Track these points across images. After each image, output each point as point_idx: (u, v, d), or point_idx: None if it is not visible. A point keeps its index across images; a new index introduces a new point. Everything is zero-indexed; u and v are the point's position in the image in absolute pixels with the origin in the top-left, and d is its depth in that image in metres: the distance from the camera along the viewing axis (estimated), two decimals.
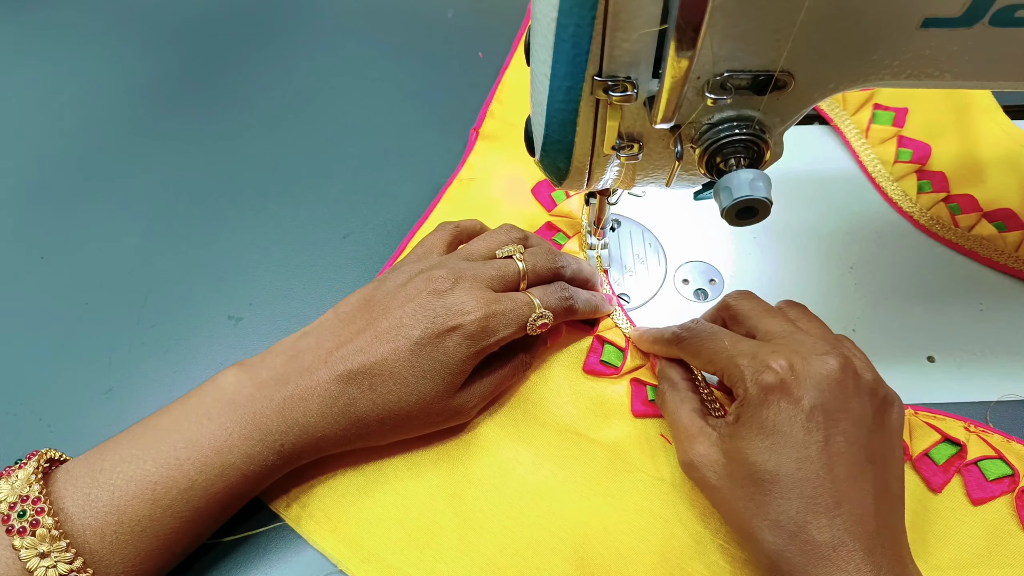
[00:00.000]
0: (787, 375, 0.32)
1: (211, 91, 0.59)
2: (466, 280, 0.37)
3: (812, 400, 0.32)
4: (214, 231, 0.50)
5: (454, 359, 0.36)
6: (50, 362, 0.44)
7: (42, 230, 0.50)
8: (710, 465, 0.34)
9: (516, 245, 0.41)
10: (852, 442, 0.32)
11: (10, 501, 0.30)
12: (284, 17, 0.64)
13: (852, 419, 0.32)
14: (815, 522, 0.30)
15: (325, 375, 0.35)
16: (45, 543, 0.29)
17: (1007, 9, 0.27)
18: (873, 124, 0.53)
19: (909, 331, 0.44)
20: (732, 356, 0.35)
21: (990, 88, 0.31)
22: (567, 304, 0.40)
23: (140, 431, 0.34)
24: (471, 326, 0.36)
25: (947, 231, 0.48)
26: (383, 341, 0.35)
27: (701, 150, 0.31)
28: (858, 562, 0.30)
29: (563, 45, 0.28)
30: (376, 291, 0.38)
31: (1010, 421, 0.40)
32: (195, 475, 0.32)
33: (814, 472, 0.31)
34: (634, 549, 0.36)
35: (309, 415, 0.34)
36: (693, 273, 0.47)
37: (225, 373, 0.35)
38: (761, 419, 0.32)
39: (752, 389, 0.33)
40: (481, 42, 0.62)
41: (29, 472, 0.31)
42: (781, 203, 0.43)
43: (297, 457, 0.35)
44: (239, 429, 0.33)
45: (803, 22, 0.27)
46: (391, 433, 0.37)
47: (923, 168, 0.50)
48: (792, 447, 0.31)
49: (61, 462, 0.33)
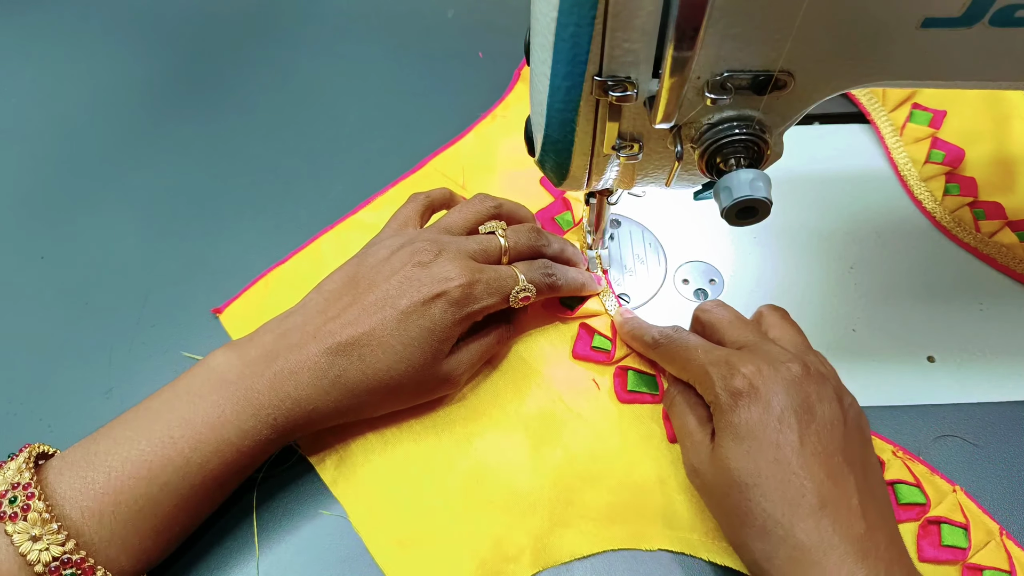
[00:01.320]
0: (755, 379, 0.33)
1: (211, 91, 0.59)
2: (449, 251, 0.38)
3: (781, 402, 0.32)
4: (214, 231, 0.50)
5: (440, 325, 0.36)
6: (50, 362, 0.44)
7: (42, 230, 0.50)
8: (703, 474, 0.34)
9: (498, 221, 0.42)
10: (827, 443, 0.32)
11: (1, 489, 0.30)
12: (284, 17, 0.64)
13: (823, 422, 0.32)
14: (801, 524, 0.30)
15: (314, 349, 0.35)
16: (37, 526, 0.29)
17: (1007, 9, 0.27)
18: (909, 123, 0.52)
19: (909, 331, 0.44)
20: (703, 364, 0.35)
21: (990, 88, 0.31)
22: (550, 280, 0.41)
23: (132, 415, 0.34)
24: (455, 292, 0.37)
25: (967, 234, 0.47)
26: (370, 313, 0.36)
27: (701, 150, 0.31)
28: (851, 566, 0.29)
29: (563, 45, 0.28)
30: (359, 267, 0.39)
31: (1009, 423, 0.40)
32: (190, 452, 0.33)
33: (792, 472, 0.31)
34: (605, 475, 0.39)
35: (300, 388, 0.35)
36: (693, 273, 0.47)
37: (214, 354, 0.36)
38: (734, 425, 0.32)
39: (722, 395, 0.33)
40: (481, 42, 0.62)
41: (20, 462, 0.31)
42: (781, 203, 0.43)
43: (291, 431, 0.36)
44: (231, 405, 0.34)
45: (803, 22, 0.27)
46: (382, 403, 0.38)
47: (953, 171, 0.50)
48: (767, 448, 0.31)
49: (53, 456, 0.34)
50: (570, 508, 0.38)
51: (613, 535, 0.37)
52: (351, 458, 0.39)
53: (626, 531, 0.37)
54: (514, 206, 0.44)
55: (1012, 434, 0.40)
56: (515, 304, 0.39)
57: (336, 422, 0.37)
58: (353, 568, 0.36)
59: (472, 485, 0.39)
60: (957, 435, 0.40)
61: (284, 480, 0.39)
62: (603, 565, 0.36)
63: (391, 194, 0.52)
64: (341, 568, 0.36)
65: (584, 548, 0.37)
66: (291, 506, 0.38)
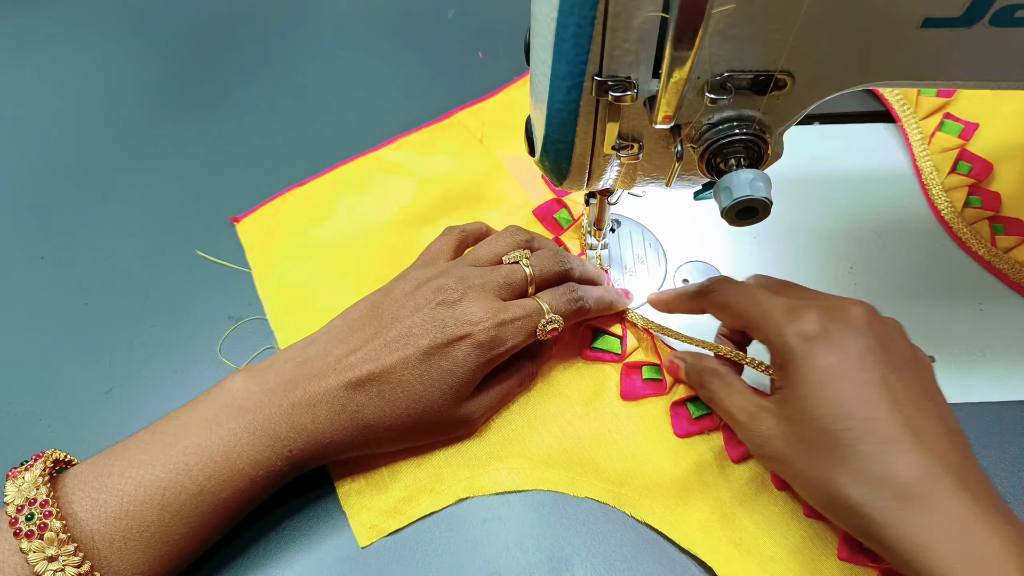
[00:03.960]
0: (825, 321, 0.32)
1: (211, 91, 0.59)
2: (475, 289, 0.37)
3: (858, 344, 0.32)
4: (214, 231, 0.50)
5: (463, 368, 0.36)
6: (50, 362, 0.44)
7: (42, 230, 0.50)
8: (778, 436, 0.33)
9: (522, 251, 0.41)
10: (907, 380, 0.31)
11: (17, 504, 0.30)
12: (284, 17, 0.64)
13: (898, 359, 0.32)
14: (901, 461, 0.29)
15: (334, 382, 0.35)
16: (53, 547, 0.29)
17: (1007, 9, 0.27)
18: (939, 132, 0.52)
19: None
20: (764, 307, 0.34)
21: (990, 88, 0.31)
22: (577, 305, 0.40)
23: (148, 436, 0.34)
24: (481, 335, 0.36)
25: (982, 247, 0.47)
26: (392, 350, 0.36)
27: (701, 150, 0.31)
28: (961, 496, 0.28)
29: (563, 45, 0.28)
30: (384, 298, 0.38)
31: (1009, 423, 0.40)
32: (204, 480, 0.32)
33: (884, 411, 0.30)
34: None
35: (317, 421, 0.35)
36: (693, 273, 0.47)
37: (233, 378, 0.35)
38: (814, 371, 0.32)
39: (793, 340, 0.32)
40: (481, 42, 0.62)
41: (36, 475, 0.30)
42: (781, 203, 0.43)
43: (305, 463, 0.35)
44: (248, 434, 0.33)
45: (803, 22, 0.27)
46: (398, 440, 0.37)
47: (978, 184, 0.49)
48: (854, 390, 0.31)
49: (67, 463, 0.33)
50: (509, 447, 0.39)
51: (545, 477, 0.39)
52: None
53: (559, 476, 0.39)
54: (545, 241, 0.43)
55: (1012, 434, 0.40)
56: (543, 337, 0.38)
57: (349, 455, 0.37)
58: (353, 568, 0.36)
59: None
60: None
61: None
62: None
63: (414, 137, 0.54)
64: (341, 568, 0.36)
65: (515, 484, 0.38)
66: (291, 506, 0.38)
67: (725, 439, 0.39)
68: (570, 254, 0.43)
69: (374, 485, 0.38)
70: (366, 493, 0.38)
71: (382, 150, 0.53)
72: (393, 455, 0.39)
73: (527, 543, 0.37)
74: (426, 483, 0.38)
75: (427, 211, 0.50)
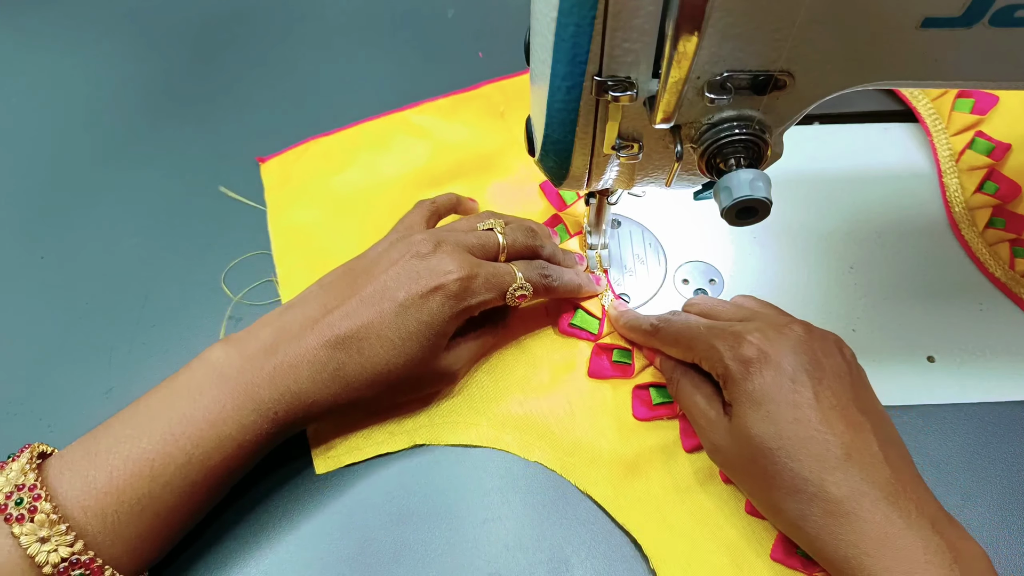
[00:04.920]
0: (763, 344, 0.34)
1: (211, 91, 0.59)
2: (448, 244, 0.38)
3: (792, 363, 0.33)
4: (214, 231, 0.50)
5: (437, 319, 0.37)
6: (50, 362, 0.44)
7: (42, 230, 0.50)
8: (726, 449, 0.35)
9: (497, 220, 0.42)
10: (839, 396, 0.33)
11: (6, 491, 0.30)
12: (284, 17, 0.64)
13: (832, 375, 0.33)
14: (830, 478, 0.31)
15: (313, 341, 0.35)
16: (44, 528, 0.29)
17: (1007, 9, 0.27)
18: (969, 150, 0.51)
19: (909, 331, 0.44)
20: (707, 339, 0.36)
21: (990, 88, 0.31)
22: (546, 281, 0.41)
23: (131, 412, 0.34)
24: (453, 286, 0.37)
25: (999, 268, 0.46)
26: (368, 304, 0.36)
27: (701, 150, 0.31)
28: (884, 510, 0.30)
29: (563, 45, 0.28)
30: (358, 261, 0.39)
31: (1009, 423, 0.40)
32: (191, 449, 0.33)
33: (814, 429, 0.31)
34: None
35: (300, 382, 0.35)
36: (693, 273, 0.47)
37: (212, 349, 0.36)
38: (749, 392, 0.33)
39: (733, 365, 0.34)
40: (481, 42, 0.62)
41: (23, 463, 0.31)
42: (781, 203, 0.43)
43: (291, 424, 0.36)
44: (232, 400, 0.34)
45: (803, 22, 0.27)
46: (381, 397, 0.38)
47: (1003, 206, 0.49)
48: (786, 409, 0.32)
49: (52, 456, 0.33)
50: (473, 404, 0.41)
51: (500, 437, 0.40)
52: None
53: (513, 438, 0.40)
54: (521, 220, 0.44)
55: (1012, 434, 0.40)
56: (511, 302, 0.39)
57: (335, 415, 0.37)
58: (353, 568, 0.36)
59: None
60: (957, 435, 0.40)
61: (283, 479, 0.39)
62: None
63: (441, 103, 0.56)
64: (341, 568, 0.36)
65: (470, 439, 0.40)
66: (291, 505, 0.38)
67: (681, 429, 0.40)
68: (544, 232, 0.44)
69: (339, 425, 0.40)
70: (330, 431, 0.40)
71: (408, 111, 0.56)
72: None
73: (527, 543, 0.37)
74: (387, 427, 0.40)
75: (438, 174, 0.52)
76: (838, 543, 0.30)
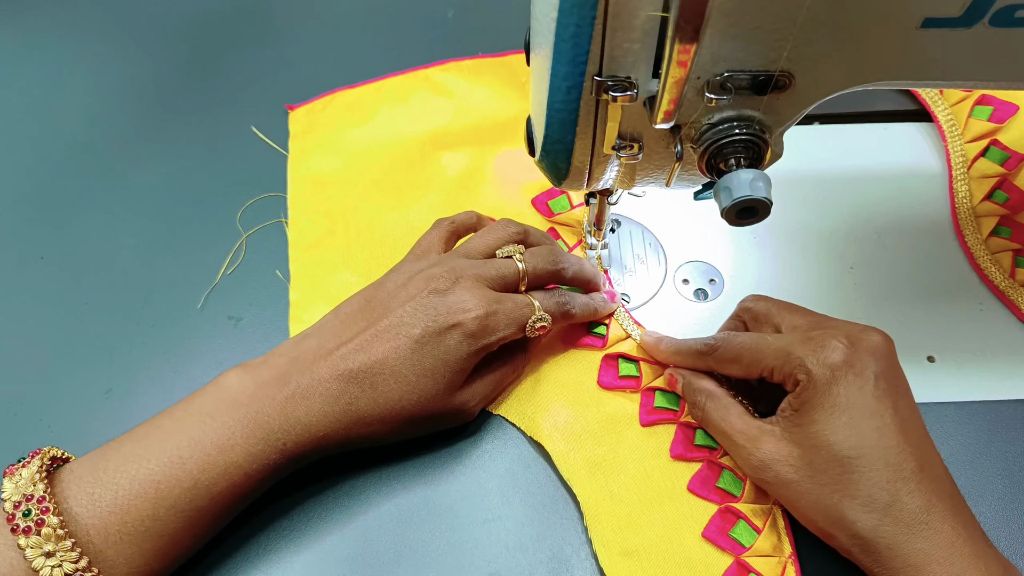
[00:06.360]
0: (849, 350, 0.33)
1: (211, 91, 0.59)
2: (467, 279, 0.37)
3: (875, 370, 0.33)
4: (214, 231, 0.50)
5: (455, 357, 0.36)
6: (50, 362, 0.44)
7: (42, 230, 0.50)
8: (783, 460, 0.33)
9: (516, 245, 0.41)
10: (912, 407, 0.33)
11: (15, 500, 0.30)
12: (283, 17, 0.64)
13: (905, 386, 0.34)
14: (905, 489, 0.31)
15: (326, 373, 0.35)
16: (51, 542, 0.29)
17: (1007, 9, 0.27)
18: (983, 158, 0.50)
19: (909, 331, 0.44)
20: (782, 348, 0.34)
21: (990, 88, 0.31)
22: (564, 309, 0.40)
23: (143, 432, 0.34)
24: (472, 324, 0.36)
25: (1000, 277, 0.46)
26: (384, 340, 0.36)
27: (701, 150, 0.31)
28: (952, 522, 0.30)
29: (563, 45, 0.28)
30: (377, 291, 0.38)
31: (1009, 423, 0.40)
32: (198, 473, 0.32)
33: (894, 439, 0.32)
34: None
35: (311, 414, 0.35)
36: (693, 273, 0.47)
37: (227, 374, 0.36)
38: (832, 398, 0.32)
39: (817, 370, 0.33)
40: (481, 42, 0.61)
41: (33, 471, 0.31)
42: (781, 203, 0.43)
43: (300, 456, 0.35)
44: (241, 428, 0.34)
45: (803, 22, 0.27)
46: (394, 432, 0.37)
47: (1011, 216, 0.48)
48: (869, 417, 0.32)
49: (64, 460, 0.33)
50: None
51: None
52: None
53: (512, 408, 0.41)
54: (540, 234, 0.43)
55: (1012, 434, 0.40)
56: (531, 334, 0.39)
57: (346, 449, 0.37)
58: (353, 568, 0.36)
59: None
60: (958, 434, 0.40)
61: (283, 479, 0.39)
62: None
63: (466, 64, 0.57)
64: (341, 568, 0.36)
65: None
66: (291, 505, 0.38)
67: (676, 437, 0.39)
68: (564, 252, 0.43)
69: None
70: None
71: (432, 68, 0.57)
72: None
73: (527, 543, 0.37)
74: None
75: (455, 137, 0.53)
76: (909, 552, 0.30)
